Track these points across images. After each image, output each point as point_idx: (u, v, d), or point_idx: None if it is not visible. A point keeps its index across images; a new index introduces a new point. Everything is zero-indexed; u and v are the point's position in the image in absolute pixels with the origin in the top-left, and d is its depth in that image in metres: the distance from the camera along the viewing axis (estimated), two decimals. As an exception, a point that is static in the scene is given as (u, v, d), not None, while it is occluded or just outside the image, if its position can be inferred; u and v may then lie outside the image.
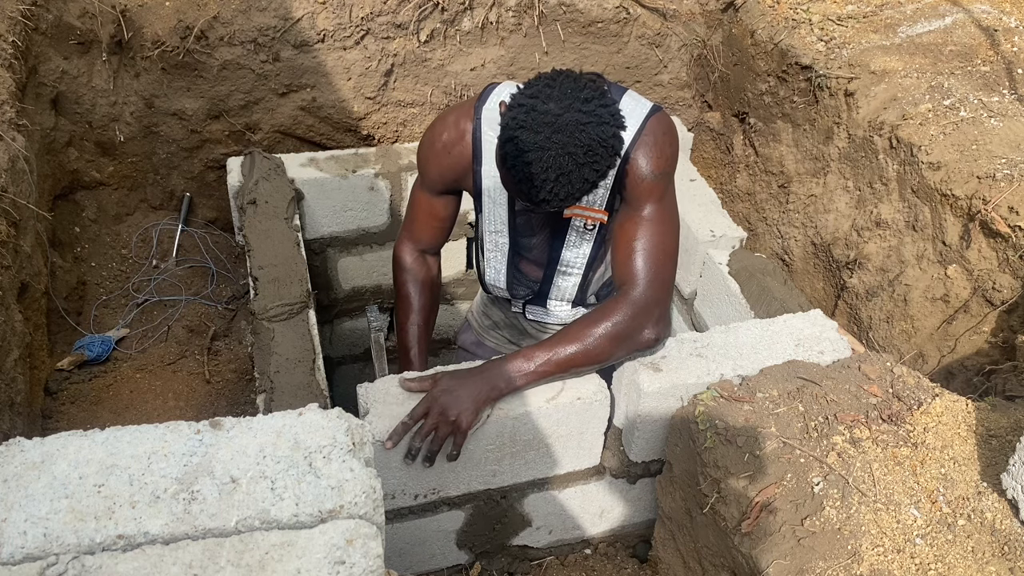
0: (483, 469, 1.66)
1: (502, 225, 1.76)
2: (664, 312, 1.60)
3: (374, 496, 0.98)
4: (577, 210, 1.68)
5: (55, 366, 2.22)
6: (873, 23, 2.59)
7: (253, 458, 0.99)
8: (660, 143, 1.56)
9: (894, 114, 2.23)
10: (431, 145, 1.71)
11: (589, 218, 1.69)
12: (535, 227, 1.76)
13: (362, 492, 0.97)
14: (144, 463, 0.99)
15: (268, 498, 0.96)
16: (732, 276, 2.24)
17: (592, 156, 1.36)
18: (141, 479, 0.95)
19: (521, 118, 1.36)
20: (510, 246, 1.80)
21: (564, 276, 1.84)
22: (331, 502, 0.95)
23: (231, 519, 0.93)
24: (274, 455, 0.99)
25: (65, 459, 0.98)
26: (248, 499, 0.95)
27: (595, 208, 1.67)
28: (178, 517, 0.92)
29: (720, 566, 1.51)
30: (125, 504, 0.91)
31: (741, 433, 1.46)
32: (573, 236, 1.74)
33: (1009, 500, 1.29)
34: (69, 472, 0.94)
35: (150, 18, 2.49)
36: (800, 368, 1.58)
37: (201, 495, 0.95)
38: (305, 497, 0.96)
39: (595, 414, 1.65)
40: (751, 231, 2.82)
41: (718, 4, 2.88)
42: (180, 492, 0.94)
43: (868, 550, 1.26)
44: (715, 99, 2.99)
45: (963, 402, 1.50)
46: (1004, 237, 1.89)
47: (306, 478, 0.97)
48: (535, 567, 1.91)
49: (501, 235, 1.78)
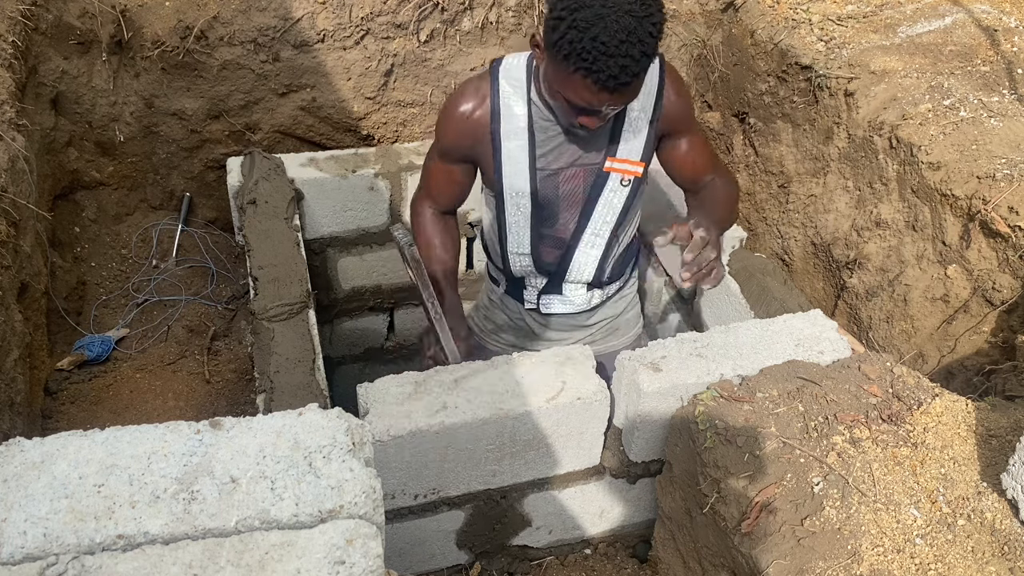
0: (483, 469, 1.66)
1: (524, 185, 1.76)
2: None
3: (374, 496, 0.98)
4: (614, 163, 1.73)
5: (55, 366, 2.22)
6: (873, 23, 2.59)
7: (253, 458, 0.99)
8: (680, 79, 1.75)
9: (894, 114, 2.23)
10: (450, 112, 1.75)
11: (625, 171, 1.75)
12: (558, 188, 1.77)
13: (362, 492, 0.97)
14: (144, 463, 0.99)
15: (268, 498, 0.96)
16: (732, 276, 2.24)
17: (647, 8, 1.43)
18: (141, 479, 0.95)
19: (571, 4, 1.43)
20: (532, 209, 1.80)
21: (587, 248, 1.86)
22: (331, 502, 0.95)
23: (231, 519, 0.93)
24: (274, 455, 1.00)
25: (65, 459, 0.98)
26: (248, 499, 0.95)
27: (631, 159, 1.73)
28: (178, 517, 0.92)
29: (720, 566, 1.51)
30: (125, 504, 0.92)
31: (741, 433, 1.46)
32: (608, 193, 1.79)
33: (1009, 500, 1.29)
34: (69, 472, 0.94)
35: (150, 18, 2.49)
36: (800, 368, 1.58)
37: (201, 495, 0.95)
38: (305, 497, 0.96)
39: (595, 414, 1.65)
40: (751, 231, 2.82)
41: (718, 4, 2.88)
42: (180, 492, 0.94)
43: (868, 550, 1.26)
44: (715, 99, 2.99)
45: (963, 402, 1.50)
46: (1004, 237, 1.89)
47: (306, 478, 0.97)
48: (535, 567, 1.91)
49: (523, 197, 1.78)
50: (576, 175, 1.76)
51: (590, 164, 1.75)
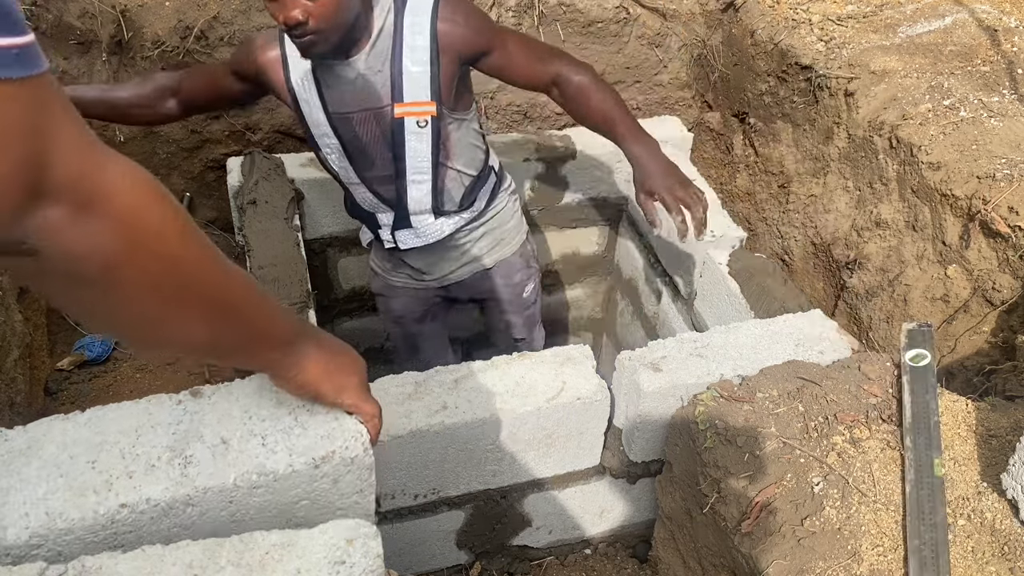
0: (483, 469, 1.66)
1: (324, 121, 1.82)
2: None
3: (362, 439, 0.99)
4: (403, 108, 1.77)
5: (55, 366, 2.22)
6: (873, 23, 2.59)
7: (239, 419, 1.01)
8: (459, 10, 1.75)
9: (894, 114, 2.23)
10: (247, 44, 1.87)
11: (418, 114, 1.78)
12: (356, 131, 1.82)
13: (351, 436, 0.99)
14: (133, 437, 1.00)
15: (261, 453, 0.98)
16: (732, 276, 2.24)
17: None
18: (133, 451, 0.96)
19: None
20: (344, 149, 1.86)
21: (416, 184, 1.90)
22: (323, 449, 0.97)
23: (229, 476, 0.94)
24: (259, 414, 1.01)
25: (52, 442, 0.98)
26: (242, 456, 0.97)
27: (420, 101, 1.77)
28: (177, 481, 0.94)
29: (720, 566, 1.51)
30: (122, 476, 0.93)
31: (741, 433, 1.46)
32: (410, 138, 1.82)
33: (1009, 500, 1.29)
34: (59, 454, 0.95)
35: (150, 18, 2.49)
36: (800, 368, 1.58)
37: (195, 458, 0.96)
38: (297, 448, 0.98)
39: (595, 414, 1.65)
40: (751, 231, 2.82)
41: (718, 4, 2.88)
42: (174, 458, 0.96)
43: (868, 550, 1.26)
44: (715, 99, 2.99)
45: (963, 402, 1.50)
46: (1004, 237, 1.89)
47: (294, 431, 0.99)
48: (535, 567, 1.91)
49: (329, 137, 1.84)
50: (367, 119, 1.80)
51: (377, 108, 1.79)
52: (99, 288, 0.70)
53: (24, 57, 0.60)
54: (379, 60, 1.75)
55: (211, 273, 0.78)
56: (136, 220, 0.69)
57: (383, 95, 1.77)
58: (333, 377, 0.97)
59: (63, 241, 0.65)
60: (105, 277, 0.69)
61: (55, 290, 0.73)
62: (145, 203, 0.70)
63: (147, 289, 0.73)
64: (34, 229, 0.64)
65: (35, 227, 0.64)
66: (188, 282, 0.75)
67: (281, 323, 0.90)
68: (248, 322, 0.85)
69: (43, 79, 0.62)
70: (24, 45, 0.60)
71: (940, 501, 1.29)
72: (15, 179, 0.61)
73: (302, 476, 0.97)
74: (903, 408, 1.44)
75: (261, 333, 0.87)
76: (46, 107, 0.63)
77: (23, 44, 0.60)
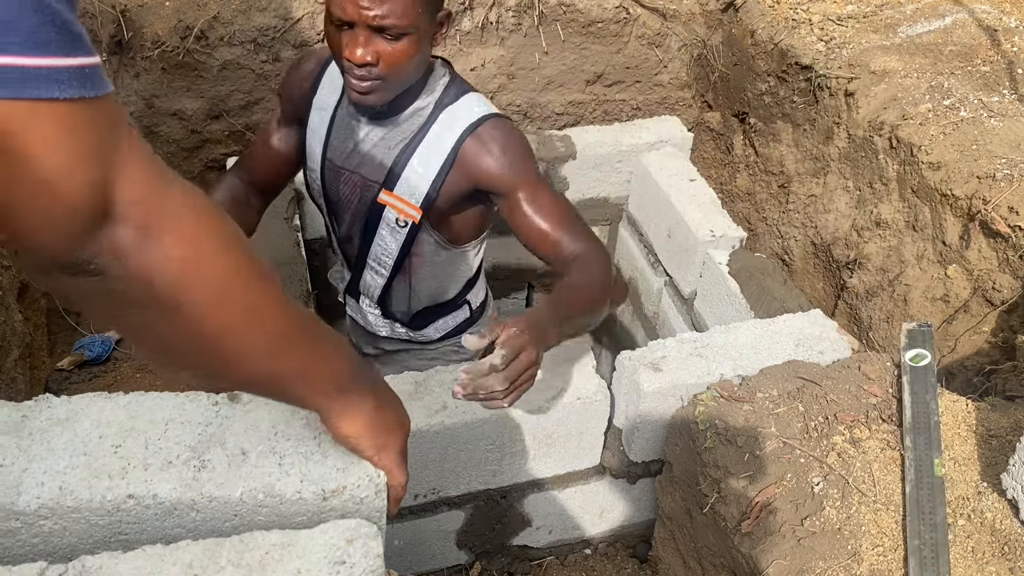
0: (483, 469, 1.66)
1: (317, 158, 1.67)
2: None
3: (377, 481, 0.99)
4: (390, 197, 1.60)
5: (55, 366, 2.22)
6: (873, 23, 2.59)
7: (265, 433, 1.01)
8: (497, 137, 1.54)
9: (894, 114, 2.23)
10: (291, 66, 1.71)
11: (401, 211, 1.61)
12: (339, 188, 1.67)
13: (365, 475, 0.98)
14: (161, 428, 1.02)
15: (275, 473, 0.97)
16: (732, 276, 2.24)
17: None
18: (157, 443, 0.97)
19: None
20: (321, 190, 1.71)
21: (371, 272, 1.76)
22: (335, 482, 0.96)
23: (236, 490, 0.94)
24: (286, 432, 1.01)
25: (88, 418, 1.00)
26: (255, 472, 0.96)
27: (409, 202, 1.59)
28: (187, 483, 0.94)
29: (720, 566, 1.51)
30: (139, 466, 0.94)
31: (741, 433, 1.46)
32: (384, 229, 1.65)
33: (1009, 500, 1.29)
34: (91, 431, 0.97)
35: (150, 18, 2.49)
36: (800, 368, 1.58)
37: (211, 464, 0.96)
38: (311, 475, 0.97)
39: (595, 414, 1.65)
40: (751, 231, 2.82)
41: (718, 4, 2.88)
42: (192, 459, 0.96)
43: (868, 550, 1.26)
44: (715, 99, 2.99)
45: (963, 402, 1.50)
46: (1004, 237, 1.89)
47: (313, 457, 0.98)
48: (535, 567, 1.91)
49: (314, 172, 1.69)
50: (355, 183, 1.64)
51: (368, 180, 1.62)
52: (159, 311, 0.70)
53: (95, 77, 0.61)
54: (396, 138, 1.58)
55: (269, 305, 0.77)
56: (200, 244, 0.70)
57: (378, 173, 1.61)
58: (377, 435, 0.95)
59: (130, 262, 0.66)
60: (168, 299, 0.69)
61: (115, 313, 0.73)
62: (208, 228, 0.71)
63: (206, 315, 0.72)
64: (102, 249, 0.64)
65: (104, 247, 0.65)
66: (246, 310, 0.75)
67: (337, 367, 0.87)
68: (301, 362, 0.82)
69: (111, 99, 0.63)
70: (94, 65, 0.61)
71: (940, 501, 1.29)
72: (88, 199, 0.62)
73: (308, 505, 0.96)
74: (903, 408, 1.44)
75: (313, 375, 0.84)
76: (116, 127, 0.64)
77: (93, 64, 0.61)
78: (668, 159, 2.66)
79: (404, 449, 1.00)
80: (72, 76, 0.59)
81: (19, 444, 0.94)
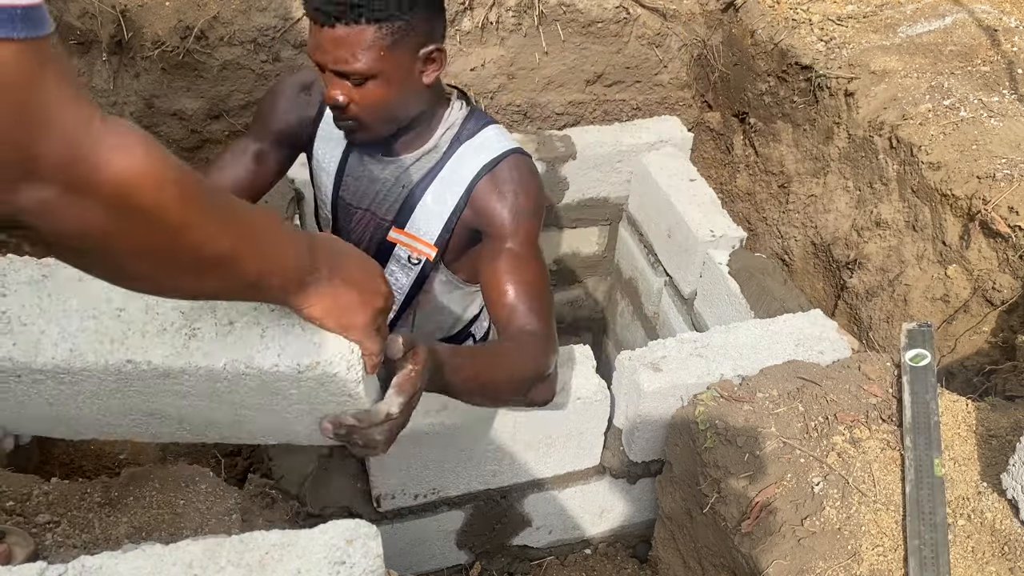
0: (483, 469, 1.66)
1: (328, 193, 1.63)
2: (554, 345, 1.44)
3: (349, 357, 0.99)
4: (401, 235, 1.56)
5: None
6: (873, 23, 2.59)
7: (251, 305, 1.02)
8: (513, 179, 1.49)
9: (894, 114, 2.23)
10: (284, 83, 1.61)
11: (414, 249, 1.57)
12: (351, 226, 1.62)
13: (338, 352, 0.98)
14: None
15: (256, 345, 0.98)
16: (732, 276, 2.24)
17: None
18: (155, 309, 0.99)
19: None
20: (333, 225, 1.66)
21: None
22: (309, 357, 0.97)
23: (220, 360, 0.96)
24: (270, 306, 1.02)
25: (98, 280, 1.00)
26: (238, 343, 0.98)
27: (423, 239, 1.55)
28: (177, 351, 0.96)
29: (720, 566, 1.51)
30: (137, 332, 0.96)
31: (741, 433, 1.46)
32: (394, 265, 1.61)
33: (1009, 500, 1.29)
34: (100, 293, 0.99)
35: (150, 18, 2.49)
36: (800, 368, 1.58)
37: (201, 333, 0.98)
38: (288, 349, 0.98)
39: (595, 414, 1.65)
40: (751, 231, 2.82)
41: (718, 4, 2.88)
42: (183, 328, 0.98)
43: (868, 550, 1.26)
44: (715, 99, 2.99)
45: (963, 402, 1.50)
46: (1004, 237, 1.89)
47: (294, 330, 0.99)
48: (535, 567, 1.91)
49: (325, 207, 1.66)
50: (367, 222, 1.60)
51: (380, 218, 1.59)
52: (96, 256, 0.71)
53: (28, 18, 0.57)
54: (410, 175, 1.54)
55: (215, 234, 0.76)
56: (129, 197, 0.67)
57: (390, 211, 1.57)
58: (340, 316, 0.96)
59: (54, 220, 0.64)
60: (99, 249, 0.69)
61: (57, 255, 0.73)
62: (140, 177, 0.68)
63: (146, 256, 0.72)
64: (24, 208, 0.62)
65: (25, 207, 0.62)
66: (191, 246, 0.74)
67: (293, 265, 0.88)
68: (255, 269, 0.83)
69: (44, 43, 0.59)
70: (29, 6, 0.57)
71: (940, 501, 1.29)
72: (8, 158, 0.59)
73: (285, 377, 0.98)
74: (903, 408, 1.44)
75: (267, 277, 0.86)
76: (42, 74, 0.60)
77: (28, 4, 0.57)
78: (668, 159, 2.66)
79: (372, 320, 1.00)
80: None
81: (39, 304, 0.97)
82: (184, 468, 1.48)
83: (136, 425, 1.07)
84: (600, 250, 3.05)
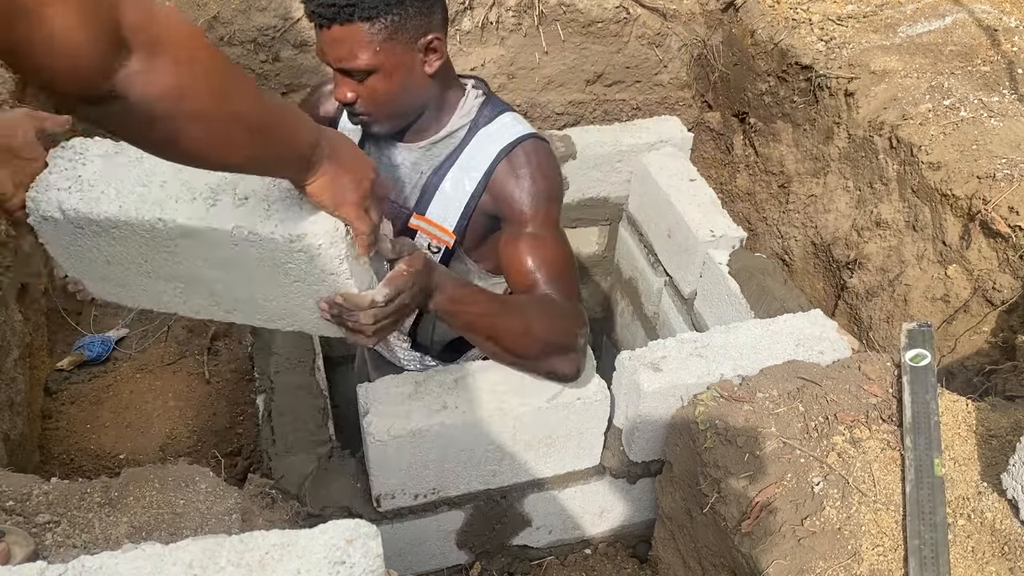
0: (483, 469, 1.66)
1: None
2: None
3: (333, 235, 1.13)
4: (421, 222, 1.57)
5: (55, 366, 2.22)
6: (873, 23, 2.59)
7: (268, 183, 1.16)
8: (531, 163, 1.50)
9: (894, 114, 2.23)
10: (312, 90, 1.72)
11: (434, 236, 1.57)
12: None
13: (324, 231, 1.12)
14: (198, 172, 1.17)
15: (260, 215, 1.13)
16: (732, 276, 2.24)
17: None
18: (189, 183, 1.16)
19: None
20: None
21: None
22: (299, 229, 1.11)
23: (229, 224, 1.12)
24: (280, 184, 1.15)
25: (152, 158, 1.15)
26: (247, 214, 1.13)
27: (442, 226, 1.55)
28: (200, 216, 1.13)
29: (720, 566, 1.51)
30: (172, 199, 1.15)
31: (741, 433, 1.46)
32: None
33: (1009, 500, 1.29)
34: (153, 168, 1.18)
35: (150, 18, 2.49)
36: (800, 368, 1.58)
37: (221, 203, 1.14)
38: (285, 222, 1.12)
39: (595, 414, 1.65)
40: (751, 231, 2.82)
41: (718, 4, 2.88)
42: (209, 198, 1.15)
43: (868, 550, 1.26)
44: (715, 99, 2.99)
45: (963, 402, 1.50)
46: (1004, 237, 1.89)
47: (293, 207, 1.13)
48: (535, 567, 1.91)
49: None
50: (388, 210, 1.59)
51: (400, 206, 1.60)
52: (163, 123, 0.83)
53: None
54: (428, 162, 1.56)
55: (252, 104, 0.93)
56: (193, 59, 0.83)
57: (410, 197, 1.59)
58: (335, 194, 1.10)
59: (142, 84, 0.78)
60: (169, 114, 0.82)
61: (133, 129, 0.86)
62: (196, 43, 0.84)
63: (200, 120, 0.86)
64: (120, 78, 0.76)
65: (121, 76, 0.76)
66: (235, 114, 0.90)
67: (304, 143, 1.03)
68: (276, 143, 0.99)
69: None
70: None
71: (940, 501, 1.29)
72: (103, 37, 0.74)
73: (280, 246, 1.13)
74: (903, 408, 1.44)
75: (285, 150, 1.01)
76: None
77: None
78: (668, 159, 2.66)
79: (362, 199, 1.13)
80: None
81: (105, 172, 1.18)
82: (184, 468, 1.48)
83: (177, 294, 1.27)
84: (600, 250, 3.05)
